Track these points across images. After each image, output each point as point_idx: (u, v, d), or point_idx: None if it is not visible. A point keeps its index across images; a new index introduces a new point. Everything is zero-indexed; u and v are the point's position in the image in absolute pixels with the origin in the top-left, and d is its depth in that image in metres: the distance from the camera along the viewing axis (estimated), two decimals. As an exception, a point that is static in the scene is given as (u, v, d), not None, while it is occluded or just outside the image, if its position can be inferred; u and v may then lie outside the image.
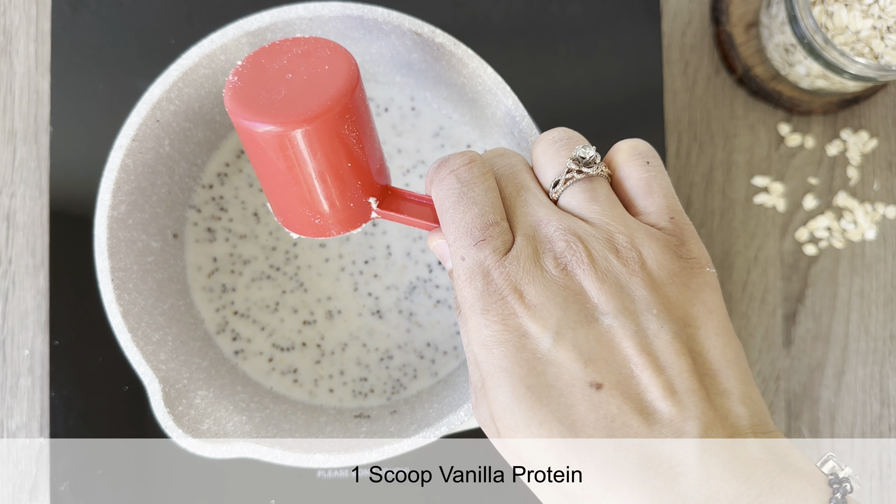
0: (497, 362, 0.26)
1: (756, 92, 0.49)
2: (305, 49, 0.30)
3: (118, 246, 0.37)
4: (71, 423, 0.45)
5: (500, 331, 0.26)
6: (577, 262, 0.26)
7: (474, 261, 0.27)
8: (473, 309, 0.26)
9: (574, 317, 0.25)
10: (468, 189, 0.28)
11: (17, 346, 0.47)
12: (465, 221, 0.27)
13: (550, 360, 0.25)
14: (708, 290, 0.27)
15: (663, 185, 0.28)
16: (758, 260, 0.49)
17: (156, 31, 0.47)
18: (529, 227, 0.27)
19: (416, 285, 0.43)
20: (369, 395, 0.43)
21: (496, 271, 0.26)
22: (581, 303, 0.26)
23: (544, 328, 0.25)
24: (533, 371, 0.25)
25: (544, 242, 0.27)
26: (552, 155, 0.29)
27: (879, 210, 0.49)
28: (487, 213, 0.27)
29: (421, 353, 0.43)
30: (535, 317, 0.25)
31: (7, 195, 0.47)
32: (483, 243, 0.27)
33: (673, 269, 0.26)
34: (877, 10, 0.43)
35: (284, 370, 0.43)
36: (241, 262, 0.43)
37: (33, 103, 0.48)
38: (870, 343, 0.49)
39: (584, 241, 0.26)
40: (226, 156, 0.43)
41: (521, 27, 0.47)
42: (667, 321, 0.25)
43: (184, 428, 0.35)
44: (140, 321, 0.37)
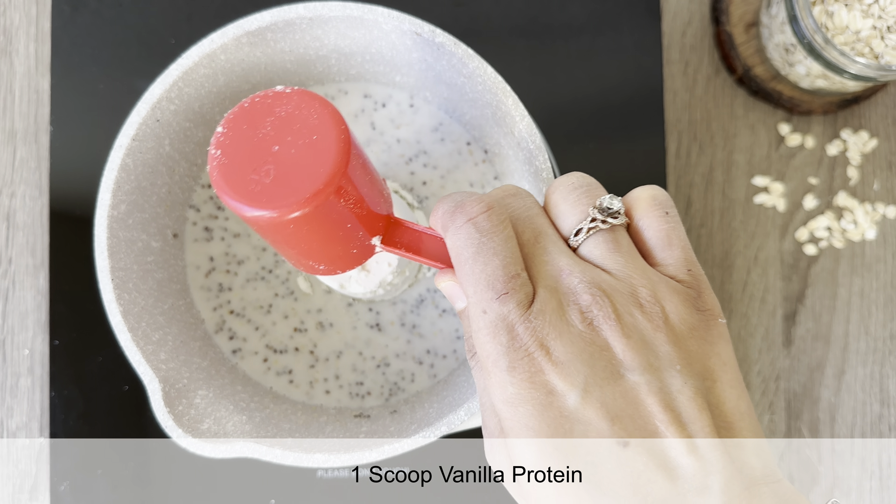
0: (523, 420, 0.25)
1: (756, 92, 0.49)
2: (289, 111, 0.28)
3: (118, 246, 0.37)
4: (71, 422, 0.45)
5: (527, 388, 0.25)
6: (603, 316, 0.26)
7: (497, 315, 0.26)
8: (498, 365, 0.26)
9: (601, 373, 0.25)
10: (488, 239, 0.27)
11: (17, 346, 0.47)
12: (486, 273, 0.26)
13: (578, 417, 0.25)
14: (722, 341, 0.27)
15: (681, 236, 0.28)
16: (758, 260, 0.49)
17: (156, 30, 0.47)
18: (551, 277, 0.27)
19: (425, 298, 0.43)
20: (367, 396, 0.43)
21: (521, 326, 0.25)
22: (607, 359, 0.25)
23: (572, 385, 0.25)
24: (560, 430, 0.25)
25: (568, 295, 0.26)
26: (573, 202, 0.28)
27: (879, 210, 0.49)
28: (509, 265, 0.26)
29: (420, 359, 0.43)
30: (562, 374, 0.25)
31: (7, 195, 0.47)
32: (506, 297, 0.26)
33: (692, 322, 0.26)
34: (877, 9, 0.43)
35: (280, 371, 0.43)
36: (236, 262, 0.43)
37: (33, 103, 0.48)
38: (870, 343, 0.49)
39: (610, 295, 0.26)
40: None
41: (522, 27, 0.47)
42: (689, 377, 0.25)
43: (184, 428, 0.35)
44: (140, 321, 0.37)
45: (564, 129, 0.47)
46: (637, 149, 0.47)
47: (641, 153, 0.47)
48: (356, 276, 0.38)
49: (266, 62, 0.40)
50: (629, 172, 0.47)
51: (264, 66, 0.40)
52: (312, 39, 0.39)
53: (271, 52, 0.39)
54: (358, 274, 0.38)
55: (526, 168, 0.38)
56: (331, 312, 0.43)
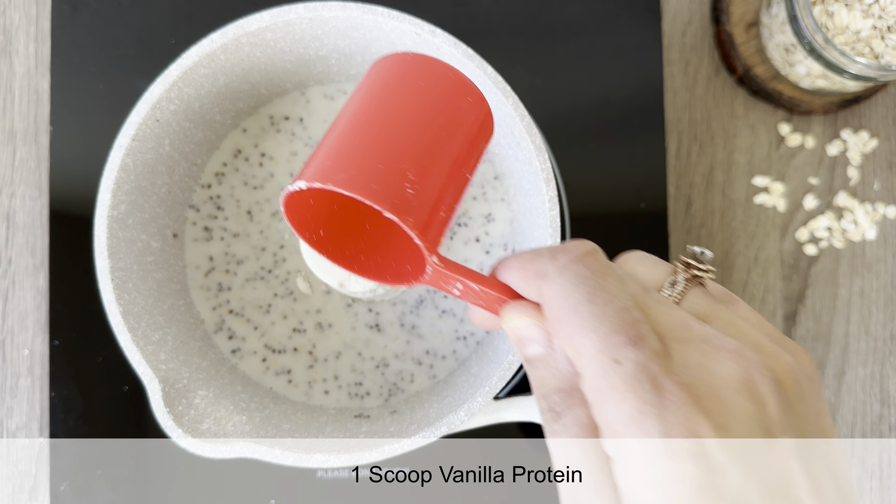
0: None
1: (756, 92, 0.49)
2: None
3: (118, 246, 0.37)
4: (71, 423, 0.45)
5: (687, 463, 0.20)
6: (758, 373, 0.22)
7: (636, 364, 0.21)
8: (646, 430, 0.21)
9: (758, 443, 0.21)
10: (602, 279, 0.23)
11: (17, 346, 0.47)
12: (608, 316, 0.22)
13: (738, 498, 0.21)
14: (824, 396, 0.25)
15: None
16: (758, 260, 0.49)
17: (155, 30, 0.47)
18: (678, 328, 0.23)
19: (425, 298, 0.43)
20: (366, 397, 0.43)
21: (668, 381, 0.21)
22: (762, 420, 0.22)
23: (734, 458, 0.21)
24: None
25: (707, 348, 0.22)
26: (654, 262, 0.26)
27: (880, 210, 0.49)
28: (631, 308, 0.22)
29: (419, 360, 0.43)
30: (724, 442, 0.21)
31: (7, 195, 0.47)
32: (641, 343, 0.22)
33: (814, 377, 0.24)
34: (877, 9, 0.43)
35: (279, 371, 0.43)
36: (236, 261, 0.43)
37: (33, 103, 0.48)
38: (870, 343, 0.49)
39: (746, 347, 0.23)
40: (224, 155, 0.43)
41: (522, 27, 0.47)
42: (821, 440, 0.23)
43: (184, 428, 0.35)
44: (140, 321, 0.37)
45: (564, 128, 0.47)
46: (637, 148, 0.47)
47: (641, 153, 0.47)
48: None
49: (266, 62, 0.40)
50: (629, 172, 0.47)
51: (264, 65, 0.40)
52: (312, 39, 0.39)
53: (271, 52, 0.39)
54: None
55: (526, 168, 0.38)
56: (330, 313, 0.43)
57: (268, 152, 0.44)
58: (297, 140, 0.44)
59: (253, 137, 0.44)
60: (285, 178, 0.44)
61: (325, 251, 0.28)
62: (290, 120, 0.44)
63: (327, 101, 0.44)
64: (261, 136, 0.44)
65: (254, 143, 0.44)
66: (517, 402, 0.38)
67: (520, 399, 0.38)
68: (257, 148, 0.44)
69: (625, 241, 0.46)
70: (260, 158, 0.44)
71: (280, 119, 0.44)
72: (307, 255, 0.38)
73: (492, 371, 0.37)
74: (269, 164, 0.44)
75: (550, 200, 0.36)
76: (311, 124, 0.44)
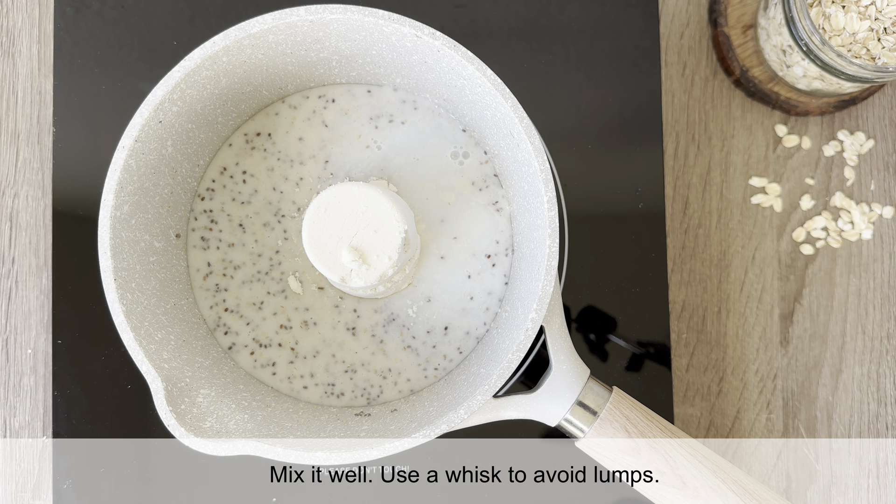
0: None
1: (753, 93, 0.49)
2: None
3: (121, 246, 0.38)
4: (74, 421, 0.45)
5: None
6: None
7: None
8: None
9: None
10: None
11: (21, 346, 0.47)
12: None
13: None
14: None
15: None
16: (755, 260, 0.49)
17: (158, 32, 0.47)
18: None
19: (396, 318, 0.44)
20: (341, 397, 0.43)
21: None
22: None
23: None
24: None
25: None
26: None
27: (876, 210, 0.49)
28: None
29: (383, 374, 0.44)
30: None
31: (10, 196, 0.48)
32: None
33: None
34: (874, 11, 0.43)
35: (264, 363, 0.43)
36: (233, 267, 0.44)
37: (36, 104, 0.48)
38: (866, 342, 0.49)
39: None
40: (212, 172, 0.44)
41: (521, 29, 0.48)
42: None
43: (186, 426, 0.35)
44: (143, 320, 0.38)
45: (563, 130, 0.47)
46: (635, 150, 0.47)
47: (639, 154, 0.47)
48: (357, 269, 0.38)
49: (268, 64, 0.40)
50: (627, 173, 0.47)
51: (266, 68, 0.40)
52: (314, 42, 0.39)
53: (273, 55, 0.39)
54: (359, 267, 0.38)
55: (524, 169, 0.38)
56: (317, 311, 0.44)
57: (248, 170, 0.44)
58: (270, 156, 0.44)
59: (234, 156, 0.44)
60: (268, 192, 0.44)
61: None
62: (261, 136, 0.44)
63: (290, 110, 0.44)
64: (241, 154, 0.44)
65: (235, 161, 0.44)
66: (517, 400, 0.38)
67: (519, 397, 0.38)
68: (238, 166, 0.44)
69: (623, 242, 0.47)
70: (242, 175, 0.44)
71: (253, 136, 0.44)
72: (310, 252, 0.38)
73: (491, 369, 0.37)
74: (252, 181, 0.44)
75: (549, 201, 0.36)
76: (278, 139, 0.44)
